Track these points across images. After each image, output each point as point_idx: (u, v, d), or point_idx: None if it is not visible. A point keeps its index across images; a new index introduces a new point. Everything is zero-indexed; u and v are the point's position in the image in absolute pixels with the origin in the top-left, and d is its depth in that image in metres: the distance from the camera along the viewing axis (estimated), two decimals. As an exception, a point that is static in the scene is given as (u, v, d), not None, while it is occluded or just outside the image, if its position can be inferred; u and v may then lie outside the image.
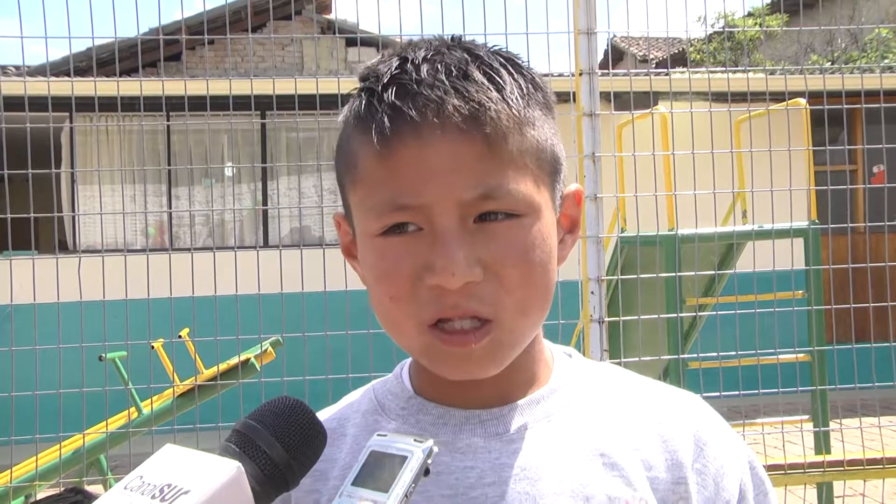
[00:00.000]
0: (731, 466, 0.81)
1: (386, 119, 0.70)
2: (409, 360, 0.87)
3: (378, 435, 0.65)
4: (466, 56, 0.74)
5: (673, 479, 0.78)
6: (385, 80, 0.73)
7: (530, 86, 0.76)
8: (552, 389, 0.82)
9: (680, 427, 0.81)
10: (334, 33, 9.64)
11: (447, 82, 0.71)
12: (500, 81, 0.73)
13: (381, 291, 0.74)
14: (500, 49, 0.78)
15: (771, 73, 7.23)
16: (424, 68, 0.72)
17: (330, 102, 3.84)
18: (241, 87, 3.76)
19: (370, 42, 9.61)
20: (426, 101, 0.70)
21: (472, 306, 0.71)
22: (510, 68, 0.75)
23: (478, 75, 0.72)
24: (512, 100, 0.73)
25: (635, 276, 3.26)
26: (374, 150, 0.71)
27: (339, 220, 0.84)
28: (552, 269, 0.76)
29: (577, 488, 0.75)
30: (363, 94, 0.74)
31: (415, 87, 0.71)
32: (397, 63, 0.73)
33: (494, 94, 0.72)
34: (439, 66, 0.72)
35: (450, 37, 0.77)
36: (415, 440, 0.63)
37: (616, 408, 0.82)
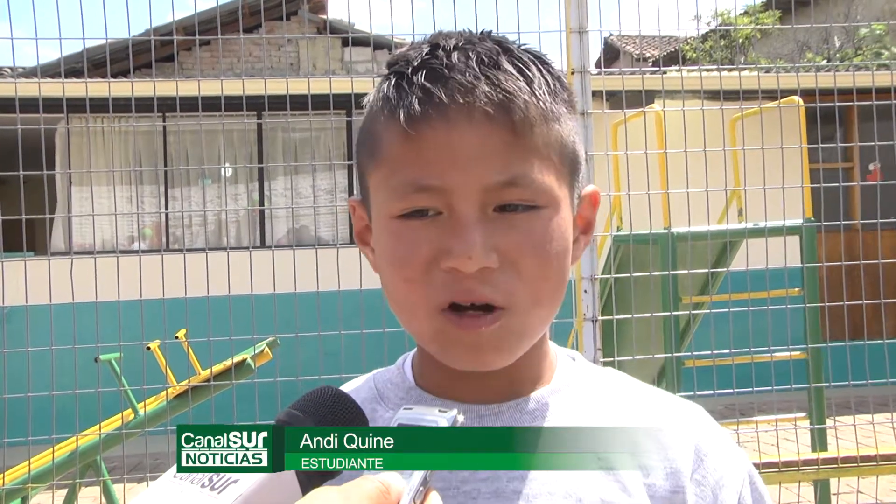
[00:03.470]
0: (730, 479, 0.80)
1: (415, 101, 0.71)
2: (412, 352, 0.87)
3: (404, 409, 0.65)
4: (497, 48, 0.74)
5: (671, 487, 0.77)
6: (416, 64, 0.73)
7: (557, 83, 0.76)
8: (553, 390, 0.82)
9: (681, 436, 0.80)
10: (328, 34, 9.62)
11: (478, 69, 0.71)
12: (530, 74, 0.74)
13: (396, 274, 0.74)
14: (530, 47, 0.78)
15: (765, 72, 7.23)
16: (456, 55, 0.73)
17: (323, 103, 3.84)
18: (233, 87, 3.75)
19: (364, 42, 9.60)
20: (457, 86, 0.71)
21: (486, 293, 0.71)
22: (538, 64, 0.76)
23: (508, 66, 0.73)
24: (540, 93, 0.73)
25: (629, 275, 3.26)
26: (401, 132, 0.72)
27: (354, 205, 0.84)
28: (567, 265, 0.77)
29: (571, 490, 0.75)
30: (392, 78, 0.74)
31: (446, 71, 0.72)
32: (428, 49, 0.74)
33: (524, 85, 0.72)
34: (471, 54, 0.73)
35: (480, 31, 0.78)
36: (439, 410, 0.64)
37: (616, 413, 0.81)
